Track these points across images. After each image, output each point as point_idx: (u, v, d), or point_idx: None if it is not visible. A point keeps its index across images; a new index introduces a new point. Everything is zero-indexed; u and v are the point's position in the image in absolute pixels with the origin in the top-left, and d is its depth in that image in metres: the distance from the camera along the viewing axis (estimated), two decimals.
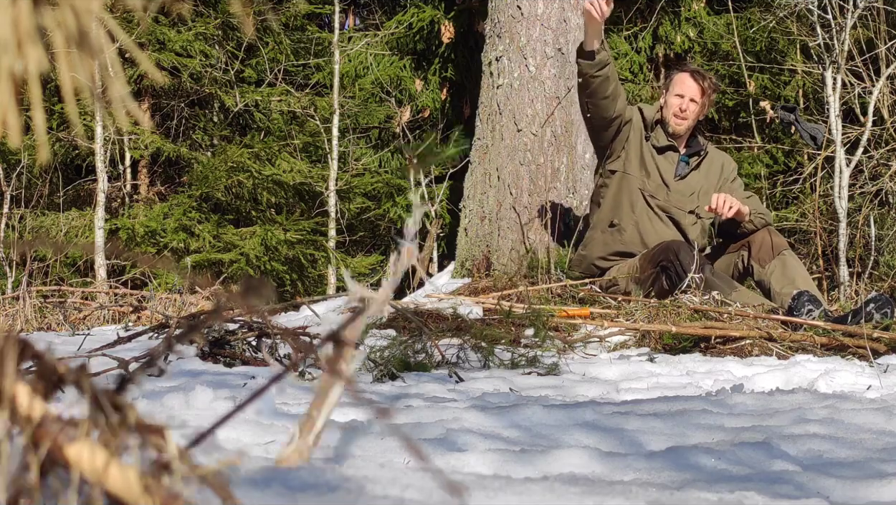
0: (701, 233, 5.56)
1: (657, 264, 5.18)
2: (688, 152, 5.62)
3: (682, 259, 5.04)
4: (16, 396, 0.82)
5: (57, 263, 7.85)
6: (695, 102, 5.49)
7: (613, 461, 1.79)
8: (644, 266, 5.28)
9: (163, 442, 0.85)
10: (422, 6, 9.31)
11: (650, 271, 5.22)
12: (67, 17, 0.85)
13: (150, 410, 2.14)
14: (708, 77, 5.58)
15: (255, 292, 0.84)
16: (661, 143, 5.56)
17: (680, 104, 5.48)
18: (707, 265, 5.04)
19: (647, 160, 5.55)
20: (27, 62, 0.84)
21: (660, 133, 5.57)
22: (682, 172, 5.58)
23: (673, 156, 5.58)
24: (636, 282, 5.31)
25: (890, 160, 7.65)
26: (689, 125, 5.54)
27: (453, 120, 9.13)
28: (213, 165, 8.22)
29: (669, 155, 5.58)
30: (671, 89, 5.55)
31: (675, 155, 5.59)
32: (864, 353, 3.98)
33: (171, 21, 8.69)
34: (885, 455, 1.96)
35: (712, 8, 9.58)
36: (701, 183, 5.58)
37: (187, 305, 5.89)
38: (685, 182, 5.57)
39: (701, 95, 5.50)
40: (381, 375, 2.96)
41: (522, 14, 6.45)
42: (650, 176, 5.53)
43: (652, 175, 5.53)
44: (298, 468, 1.42)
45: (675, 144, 5.56)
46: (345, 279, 1.50)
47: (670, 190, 5.53)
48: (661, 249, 5.21)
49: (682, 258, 5.04)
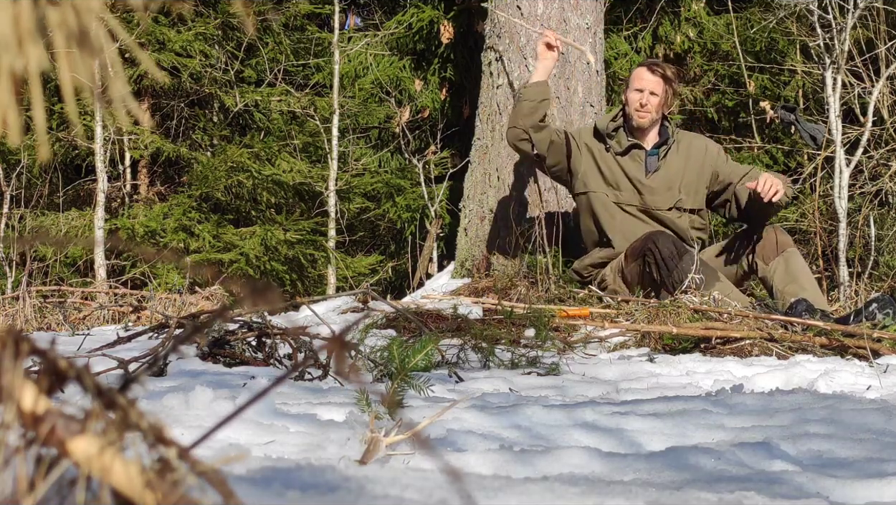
0: (689, 225, 5.53)
1: (638, 256, 5.19)
2: (656, 144, 5.57)
3: (661, 247, 5.04)
4: (19, 391, 0.83)
5: (57, 262, 7.85)
6: (655, 95, 5.46)
7: (613, 461, 1.79)
8: (628, 261, 5.30)
9: (164, 439, 0.85)
10: (421, 6, 9.31)
11: (633, 265, 5.25)
12: (68, 15, 0.85)
13: (150, 409, 2.14)
14: (666, 66, 5.60)
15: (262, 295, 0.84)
16: (622, 147, 5.52)
17: (640, 98, 5.46)
18: (689, 252, 5.02)
19: (612, 171, 5.52)
20: (28, 60, 0.84)
21: (620, 136, 5.53)
22: (653, 167, 5.53)
23: (639, 154, 5.54)
24: (622, 277, 5.35)
25: (890, 160, 7.66)
26: (652, 118, 5.49)
27: (453, 120, 9.13)
28: (212, 165, 8.22)
29: (635, 154, 5.54)
30: (630, 85, 5.56)
31: (642, 152, 5.54)
32: (864, 353, 3.98)
33: (171, 21, 8.69)
34: (885, 455, 1.96)
35: (712, 8, 9.57)
36: (680, 173, 5.52)
37: (187, 305, 5.89)
38: (659, 176, 5.51)
39: (661, 86, 5.47)
40: (380, 375, 2.96)
41: (522, 14, 6.45)
42: (619, 185, 5.50)
43: (621, 183, 5.50)
44: (298, 468, 1.42)
45: (638, 143, 5.52)
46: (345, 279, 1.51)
47: (643, 192, 5.48)
48: (641, 241, 5.22)
49: (660, 246, 5.05)
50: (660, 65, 5.60)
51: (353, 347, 1.16)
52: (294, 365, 3.05)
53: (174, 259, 8.09)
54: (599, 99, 6.56)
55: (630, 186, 5.48)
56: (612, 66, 9.07)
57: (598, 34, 6.63)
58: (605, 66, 6.91)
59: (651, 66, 5.56)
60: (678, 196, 5.48)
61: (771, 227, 5.42)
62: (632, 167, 5.51)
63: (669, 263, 4.97)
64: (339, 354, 0.87)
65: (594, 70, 6.50)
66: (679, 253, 4.98)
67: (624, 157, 5.52)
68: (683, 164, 5.53)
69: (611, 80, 8.90)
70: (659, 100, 5.47)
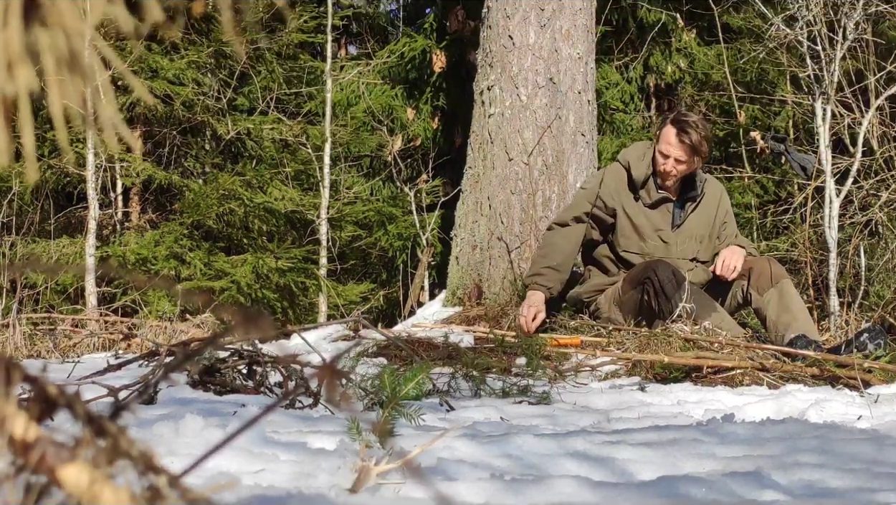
0: (703, 277, 5.48)
1: (637, 284, 5.19)
2: (683, 198, 5.49)
3: (660, 275, 5.03)
4: (10, 418, 0.82)
5: (47, 290, 7.83)
6: (680, 162, 5.29)
7: (604, 490, 1.78)
8: (625, 288, 5.29)
9: (154, 467, 0.84)
10: (414, 36, 9.36)
11: (630, 293, 5.24)
12: (59, 39, 0.86)
13: (140, 437, 2.13)
14: (695, 131, 5.26)
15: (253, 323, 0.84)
16: (652, 199, 5.43)
17: (664, 165, 5.32)
18: (685, 283, 5.02)
19: (640, 223, 5.43)
20: (17, 83, 0.84)
21: (650, 187, 5.42)
22: (679, 220, 5.46)
23: (668, 206, 5.46)
24: (618, 305, 5.34)
25: (879, 191, 7.69)
26: (676, 179, 5.40)
27: (445, 149, 9.15)
28: (204, 193, 8.22)
29: (664, 207, 5.45)
30: (659, 141, 5.35)
31: (670, 205, 5.46)
32: (854, 383, 3.98)
33: (163, 49, 8.71)
34: (875, 485, 1.96)
35: (703, 39, 9.64)
36: (701, 227, 5.49)
37: (178, 332, 5.88)
38: (683, 231, 5.46)
39: (687, 154, 5.28)
40: (371, 404, 2.95)
41: (514, 44, 6.48)
42: (646, 238, 5.42)
43: (648, 236, 5.42)
44: (289, 496, 1.41)
45: (667, 196, 5.43)
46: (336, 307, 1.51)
47: (669, 243, 5.43)
48: (640, 269, 5.22)
49: (659, 274, 5.04)
50: (688, 130, 5.26)
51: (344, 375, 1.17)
52: (285, 393, 3.04)
53: (165, 286, 8.08)
54: (591, 128, 6.59)
55: (656, 238, 5.41)
56: (603, 96, 9.12)
57: (590, 64, 6.66)
58: (596, 96, 6.93)
59: (679, 134, 5.27)
60: (697, 249, 5.45)
61: (765, 258, 5.43)
62: (659, 220, 5.44)
63: (668, 291, 4.97)
64: (330, 382, 0.87)
65: (585, 100, 6.53)
66: (678, 281, 4.98)
67: (653, 210, 5.45)
68: (705, 218, 5.50)
69: (602, 109, 8.95)
70: (685, 167, 5.33)
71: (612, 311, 5.37)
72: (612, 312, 5.35)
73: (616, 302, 5.36)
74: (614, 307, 5.36)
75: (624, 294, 5.29)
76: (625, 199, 5.45)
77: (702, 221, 5.50)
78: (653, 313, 5.05)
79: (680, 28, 9.38)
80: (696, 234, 5.47)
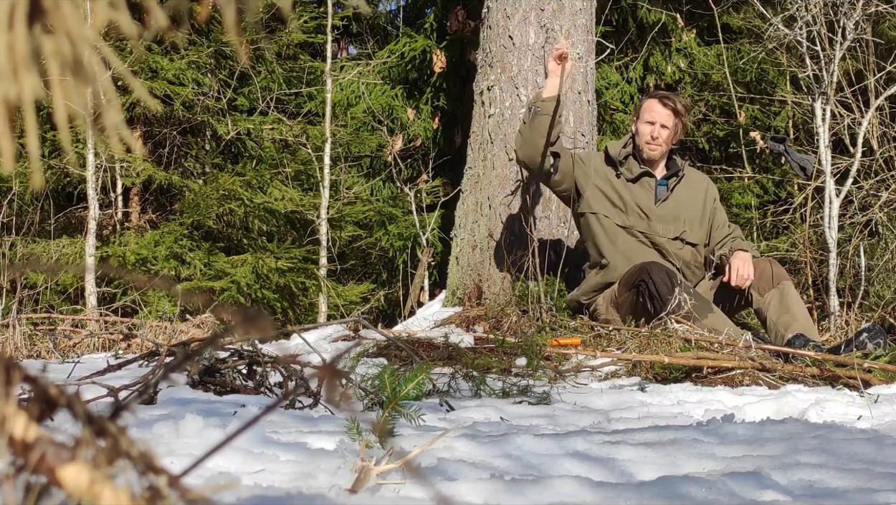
0: (692, 258, 5.55)
1: (632, 286, 5.20)
2: (666, 175, 5.63)
3: (655, 277, 5.06)
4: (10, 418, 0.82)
5: (47, 290, 7.83)
6: (665, 128, 5.51)
7: (604, 491, 1.78)
8: (621, 291, 5.31)
9: (154, 467, 0.85)
10: (414, 36, 9.36)
11: (626, 295, 5.26)
12: (63, 44, 0.86)
13: (140, 437, 2.13)
14: (677, 99, 5.60)
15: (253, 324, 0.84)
16: (633, 174, 5.58)
17: (651, 131, 5.51)
18: (681, 284, 5.04)
19: (621, 195, 5.55)
20: (22, 88, 0.84)
21: (632, 164, 5.58)
22: (662, 196, 5.59)
23: (649, 181, 5.60)
24: (615, 306, 5.35)
25: (879, 191, 7.69)
26: (663, 150, 5.57)
27: (445, 149, 9.15)
28: (204, 193, 8.22)
29: (645, 182, 5.60)
30: (641, 116, 5.58)
31: (652, 180, 5.60)
32: (854, 383, 3.98)
33: (164, 49, 8.71)
34: (875, 485, 1.96)
35: (703, 39, 9.64)
36: (686, 206, 5.59)
37: (178, 332, 5.88)
38: (667, 206, 5.57)
39: (672, 119, 5.52)
40: (371, 404, 2.95)
41: (514, 44, 6.48)
42: (627, 209, 5.53)
43: (629, 207, 5.53)
44: (289, 496, 1.41)
45: (649, 170, 5.58)
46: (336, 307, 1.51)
47: (651, 218, 5.53)
48: (634, 271, 5.24)
49: (654, 277, 5.07)
50: (671, 97, 5.60)
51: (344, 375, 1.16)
52: (285, 393, 3.04)
53: (165, 287, 8.08)
54: (591, 128, 6.59)
55: (638, 212, 5.51)
56: (603, 96, 9.12)
57: (590, 64, 6.66)
58: (596, 96, 6.93)
59: (662, 99, 5.56)
60: (683, 228, 5.52)
61: (766, 259, 5.45)
62: (641, 194, 5.57)
63: (663, 294, 4.98)
64: (330, 383, 0.87)
65: (585, 100, 6.53)
66: (673, 284, 4.99)
67: (634, 183, 5.58)
68: (690, 198, 5.61)
69: (602, 109, 8.95)
70: (669, 133, 5.53)
71: (609, 312, 5.40)
72: (610, 314, 5.38)
73: (613, 303, 5.38)
74: (612, 308, 5.39)
75: (619, 296, 5.32)
76: (604, 171, 5.61)
77: (688, 203, 5.61)
78: (650, 315, 5.06)
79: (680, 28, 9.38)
80: (682, 214, 5.58)
